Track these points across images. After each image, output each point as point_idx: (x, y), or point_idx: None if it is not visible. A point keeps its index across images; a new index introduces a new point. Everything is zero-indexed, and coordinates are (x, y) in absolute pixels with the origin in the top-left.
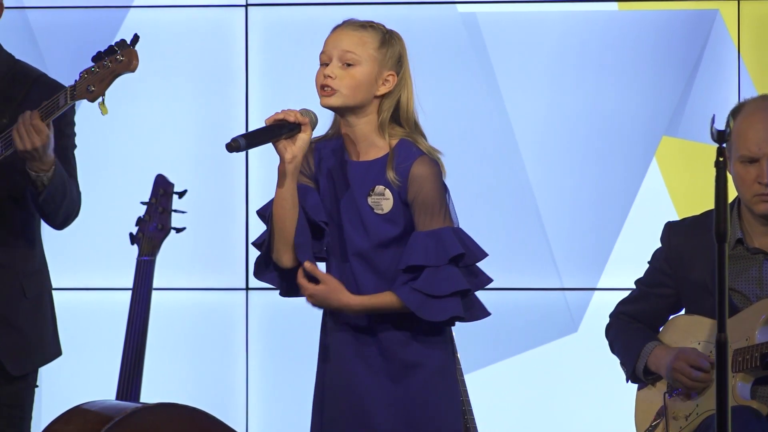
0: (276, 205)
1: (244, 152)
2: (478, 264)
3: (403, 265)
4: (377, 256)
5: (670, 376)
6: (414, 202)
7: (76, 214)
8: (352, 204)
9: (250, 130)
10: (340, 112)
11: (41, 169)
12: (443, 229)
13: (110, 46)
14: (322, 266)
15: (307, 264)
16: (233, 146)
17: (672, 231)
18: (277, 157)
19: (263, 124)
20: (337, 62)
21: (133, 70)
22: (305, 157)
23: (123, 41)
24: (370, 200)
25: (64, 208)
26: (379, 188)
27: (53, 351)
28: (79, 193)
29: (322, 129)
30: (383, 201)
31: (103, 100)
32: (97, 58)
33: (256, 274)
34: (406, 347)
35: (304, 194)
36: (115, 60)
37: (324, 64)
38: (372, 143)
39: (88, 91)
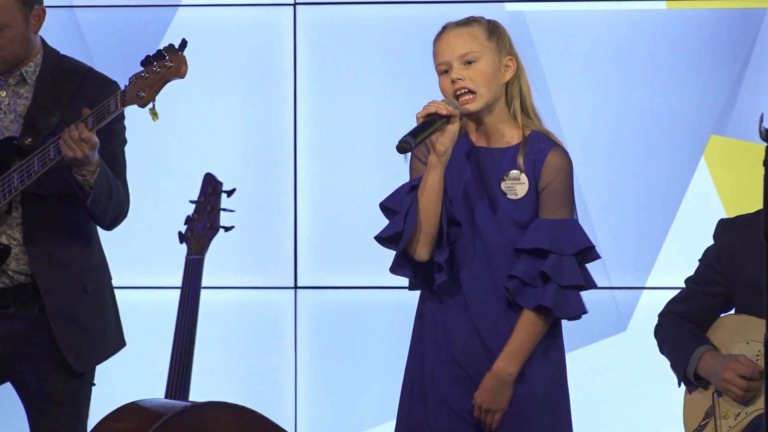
0: (424, 198)
1: (293, 151)
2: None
3: (527, 245)
4: (506, 241)
5: (721, 387)
6: (545, 190)
7: (125, 215)
8: (483, 189)
9: (411, 128)
10: (482, 114)
11: (88, 172)
12: (570, 219)
13: (159, 51)
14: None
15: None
16: (405, 147)
17: (725, 229)
18: (326, 153)
19: (416, 121)
20: (459, 65)
21: (182, 77)
22: (426, 147)
23: (171, 46)
24: (503, 185)
25: (111, 209)
26: (515, 173)
27: (117, 344)
28: (127, 193)
29: None
30: (518, 186)
31: (154, 105)
32: (146, 62)
33: (394, 269)
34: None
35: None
36: (164, 66)
37: (444, 72)
38: (503, 133)
39: (138, 96)
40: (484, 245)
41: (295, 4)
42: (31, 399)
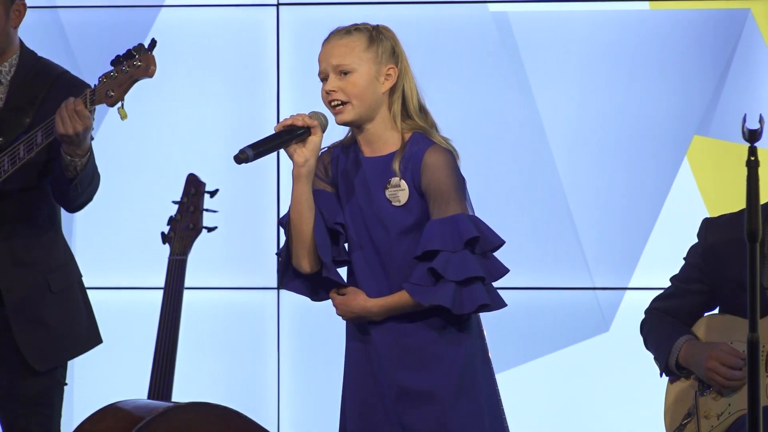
0: (292, 210)
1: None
2: (495, 254)
3: (419, 251)
4: (397, 247)
5: (705, 376)
6: (428, 191)
7: (91, 200)
8: (369, 199)
9: (257, 139)
10: (357, 123)
11: (77, 154)
12: (457, 215)
13: (128, 51)
14: (342, 271)
15: (342, 288)
16: (241, 158)
17: (709, 227)
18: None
19: (272, 132)
20: (334, 75)
21: (150, 76)
22: (322, 162)
23: (141, 46)
24: (387, 193)
25: (86, 194)
26: (395, 180)
27: (89, 341)
28: (99, 181)
29: (338, 135)
30: (400, 192)
31: (122, 105)
32: (116, 62)
33: (282, 284)
34: (433, 342)
35: (320, 198)
36: (133, 65)
37: (323, 80)
38: (387, 139)
39: (107, 95)
40: (379, 256)
41: (278, 5)
42: (3, 400)
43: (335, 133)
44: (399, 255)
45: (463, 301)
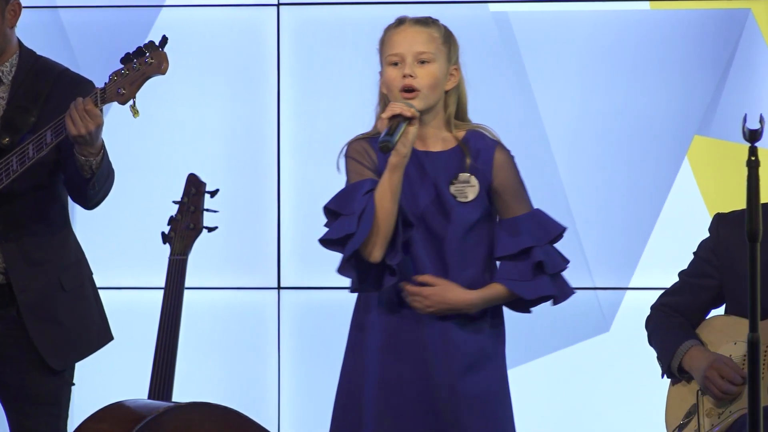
0: (383, 199)
1: (276, 152)
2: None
3: (513, 250)
4: (459, 242)
5: (702, 384)
6: (501, 188)
7: (106, 196)
8: (430, 193)
9: (386, 129)
10: (421, 113)
11: (90, 153)
12: (536, 210)
13: (138, 48)
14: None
15: (420, 277)
16: (388, 146)
17: (721, 222)
18: (310, 153)
19: (380, 122)
20: (413, 61)
21: (163, 73)
22: (366, 151)
23: (152, 43)
24: (452, 188)
25: (102, 193)
26: (464, 176)
27: (101, 338)
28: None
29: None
30: (468, 188)
31: (134, 102)
32: (126, 60)
33: (342, 270)
34: (486, 340)
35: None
36: (145, 62)
37: (393, 64)
38: (440, 137)
39: (118, 93)
40: (439, 249)
41: (278, 5)
42: (12, 400)
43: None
44: (463, 250)
45: (564, 288)
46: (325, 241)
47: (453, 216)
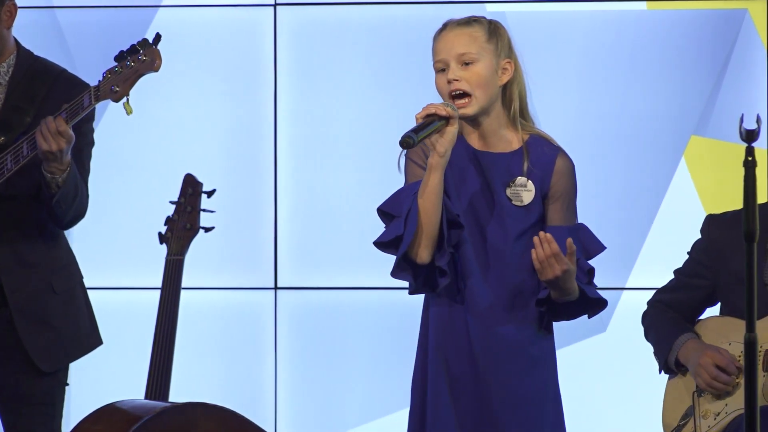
0: (425, 199)
1: (273, 152)
2: None
3: (584, 254)
4: (511, 246)
5: (694, 372)
6: (556, 195)
7: (83, 216)
8: (486, 195)
9: (413, 126)
10: (477, 117)
11: (58, 170)
12: (582, 225)
13: (132, 46)
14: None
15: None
16: (409, 143)
17: (712, 223)
18: (307, 154)
19: (416, 122)
20: (456, 65)
21: (156, 70)
22: (423, 151)
23: (145, 40)
24: (508, 191)
25: (73, 210)
26: (521, 179)
27: (91, 342)
28: (87, 195)
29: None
30: (524, 192)
31: (128, 100)
32: (120, 57)
33: (395, 273)
34: (533, 344)
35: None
36: (138, 60)
37: (440, 70)
38: (502, 137)
39: (112, 91)
40: (490, 251)
41: (275, 5)
42: (5, 400)
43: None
44: (514, 253)
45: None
46: (379, 244)
47: (506, 219)
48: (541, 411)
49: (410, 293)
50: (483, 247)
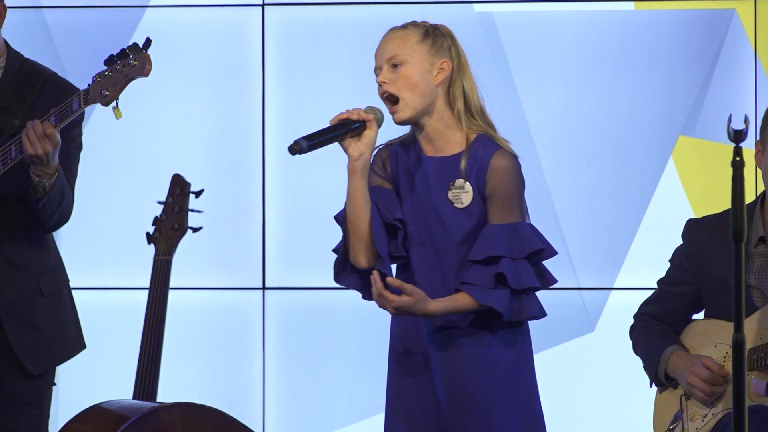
0: (348, 204)
1: (261, 152)
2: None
3: (480, 256)
4: (456, 249)
5: (687, 389)
6: (492, 195)
7: (67, 220)
8: (431, 199)
9: (313, 131)
10: (416, 120)
11: (46, 174)
12: (521, 223)
13: (122, 50)
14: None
15: (390, 279)
16: (295, 149)
17: (693, 228)
18: (292, 156)
19: (327, 125)
20: (387, 68)
21: (146, 75)
22: (381, 159)
23: (135, 45)
24: (450, 194)
25: (57, 214)
26: (459, 182)
27: (76, 346)
28: (73, 200)
29: (397, 132)
30: (463, 194)
31: (117, 104)
32: (110, 61)
33: (336, 278)
34: (486, 346)
35: (378, 194)
36: (128, 64)
37: (377, 75)
38: (449, 138)
39: (101, 95)
40: (438, 256)
41: (263, 5)
42: None
43: (394, 130)
44: (458, 257)
45: (521, 309)
46: (335, 251)
47: (448, 222)
48: (490, 413)
49: (364, 298)
50: (431, 251)
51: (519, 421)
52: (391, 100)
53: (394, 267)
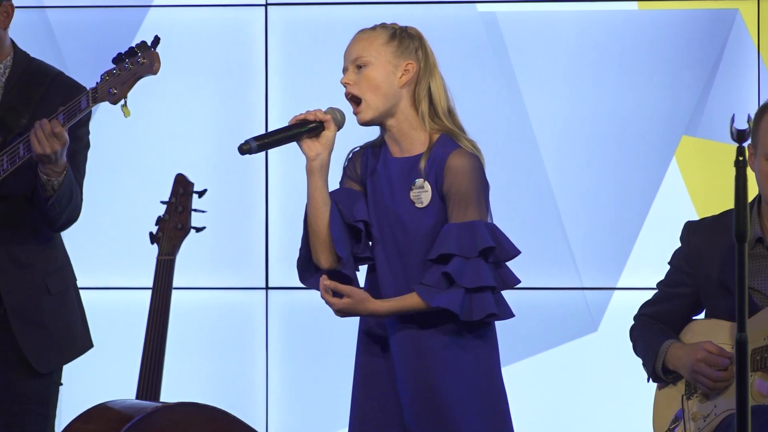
0: (308, 205)
1: (264, 152)
2: (508, 264)
3: (434, 254)
4: (417, 249)
5: (691, 378)
6: (448, 194)
7: (76, 219)
8: (394, 199)
9: (266, 131)
10: (379, 122)
11: (54, 173)
12: (476, 221)
13: (131, 48)
14: (364, 269)
15: (326, 282)
16: (245, 149)
17: (691, 230)
18: (298, 155)
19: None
20: (352, 68)
21: (155, 73)
22: (353, 162)
23: (144, 43)
24: (411, 194)
25: (66, 213)
26: (419, 181)
27: (83, 344)
28: (82, 199)
29: (370, 135)
30: (423, 194)
31: (126, 102)
32: (118, 60)
33: (301, 279)
34: (446, 346)
35: (343, 195)
36: (136, 62)
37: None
38: (414, 139)
39: (109, 93)
40: (401, 256)
41: (266, 5)
42: None
43: (366, 134)
44: (419, 256)
45: (472, 308)
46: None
47: (409, 222)
48: (451, 414)
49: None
50: (394, 251)
51: (485, 423)
52: (355, 101)
53: (364, 268)
